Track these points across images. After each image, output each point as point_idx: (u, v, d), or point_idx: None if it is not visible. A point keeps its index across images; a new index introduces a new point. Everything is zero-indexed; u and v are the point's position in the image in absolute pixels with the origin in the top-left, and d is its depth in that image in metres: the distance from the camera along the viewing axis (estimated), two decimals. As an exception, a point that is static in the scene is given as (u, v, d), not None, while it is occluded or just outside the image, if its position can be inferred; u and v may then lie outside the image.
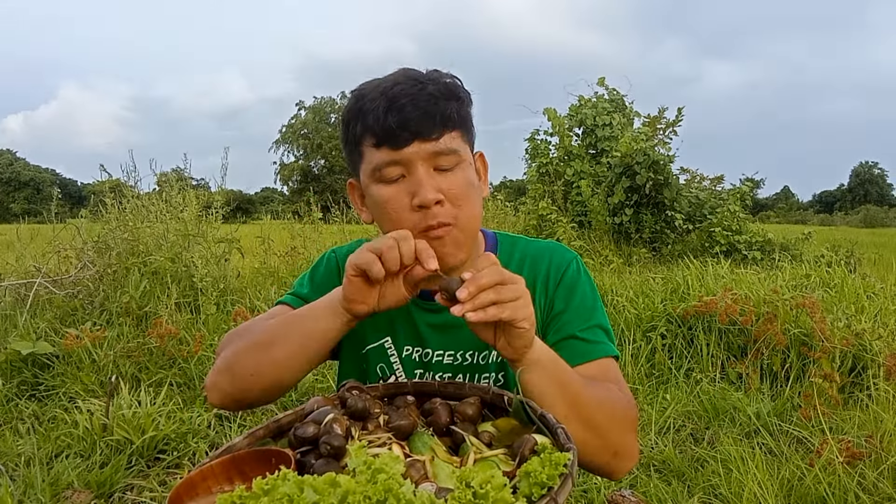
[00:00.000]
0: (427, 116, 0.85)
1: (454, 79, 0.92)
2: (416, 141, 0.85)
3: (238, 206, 7.67)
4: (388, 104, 0.85)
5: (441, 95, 0.87)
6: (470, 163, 0.92)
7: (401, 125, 0.84)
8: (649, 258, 6.75)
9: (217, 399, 0.90)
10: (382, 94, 0.86)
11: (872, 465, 2.06)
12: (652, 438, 2.66)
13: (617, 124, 8.15)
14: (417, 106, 0.85)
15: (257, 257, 5.63)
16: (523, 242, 1.07)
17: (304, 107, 47.30)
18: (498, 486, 0.53)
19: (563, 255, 1.03)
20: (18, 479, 2.26)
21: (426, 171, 0.86)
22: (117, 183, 4.77)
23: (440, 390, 0.80)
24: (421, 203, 0.85)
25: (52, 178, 53.64)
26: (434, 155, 0.86)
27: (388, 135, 0.85)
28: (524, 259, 1.03)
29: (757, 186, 9.08)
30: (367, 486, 0.52)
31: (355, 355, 1.04)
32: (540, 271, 1.01)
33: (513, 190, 18.11)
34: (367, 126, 0.87)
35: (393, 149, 0.86)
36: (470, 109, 0.94)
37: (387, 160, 0.86)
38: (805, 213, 56.32)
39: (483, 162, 0.99)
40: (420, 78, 0.89)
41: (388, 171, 0.87)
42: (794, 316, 3.36)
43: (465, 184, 0.89)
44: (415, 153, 0.86)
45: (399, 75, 0.89)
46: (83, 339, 3.13)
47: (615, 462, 0.85)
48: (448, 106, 0.87)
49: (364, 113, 0.87)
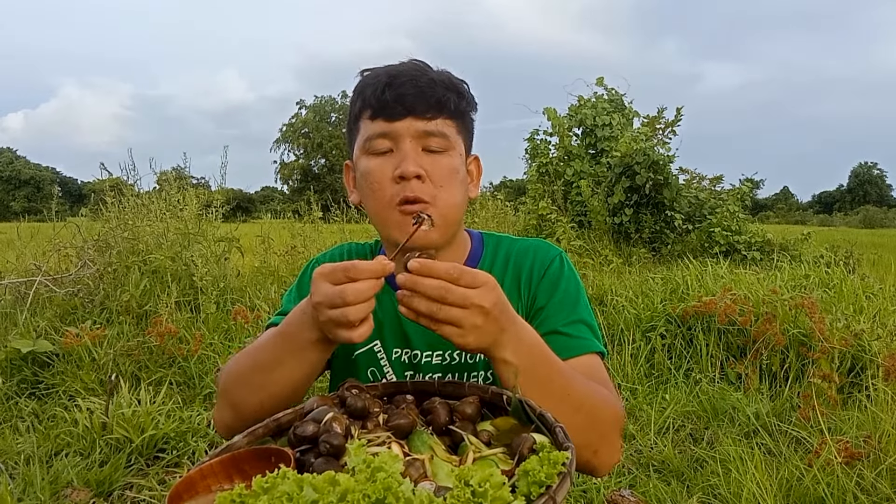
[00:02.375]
0: (423, 96, 0.88)
1: (463, 82, 0.94)
2: (408, 117, 0.88)
3: (238, 204, 7.67)
4: (389, 80, 0.89)
5: (441, 84, 0.90)
6: (460, 154, 0.93)
7: (396, 99, 0.88)
8: (649, 258, 6.76)
9: (227, 434, 0.88)
10: (386, 72, 0.91)
11: (871, 465, 2.06)
12: (651, 438, 2.66)
13: (616, 124, 8.16)
14: (416, 85, 0.88)
15: (257, 256, 5.62)
16: (508, 241, 1.07)
17: (304, 106, 47.35)
18: (496, 484, 0.54)
19: (547, 251, 1.03)
20: (18, 477, 2.26)
21: (413, 147, 0.88)
22: (117, 181, 4.77)
23: (439, 389, 0.81)
24: (401, 174, 0.87)
25: (52, 176, 53.67)
26: (424, 134, 0.89)
27: (382, 107, 0.88)
28: (509, 257, 1.03)
29: (756, 187, 9.11)
30: (366, 484, 0.52)
31: (345, 362, 1.03)
32: (524, 267, 1.01)
33: (513, 190, 18.14)
34: (365, 99, 0.90)
35: (386, 120, 0.88)
36: (470, 111, 0.96)
37: (378, 131, 0.89)
38: (804, 213, 56.35)
39: (477, 166, 1.01)
40: (426, 67, 0.93)
41: (378, 142, 0.89)
42: (793, 316, 3.36)
43: (449, 169, 0.91)
44: (405, 128, 0.88)
45: (407, 62, 0.93)
46: (83, 337, 3.14)
47: (596, 460, 0.84)
48: (446, 94, 0.90)
49: (365, 87, 0.91)
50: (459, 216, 0.95)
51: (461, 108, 0.92)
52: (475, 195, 1.00)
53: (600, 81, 8.60)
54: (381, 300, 0.93)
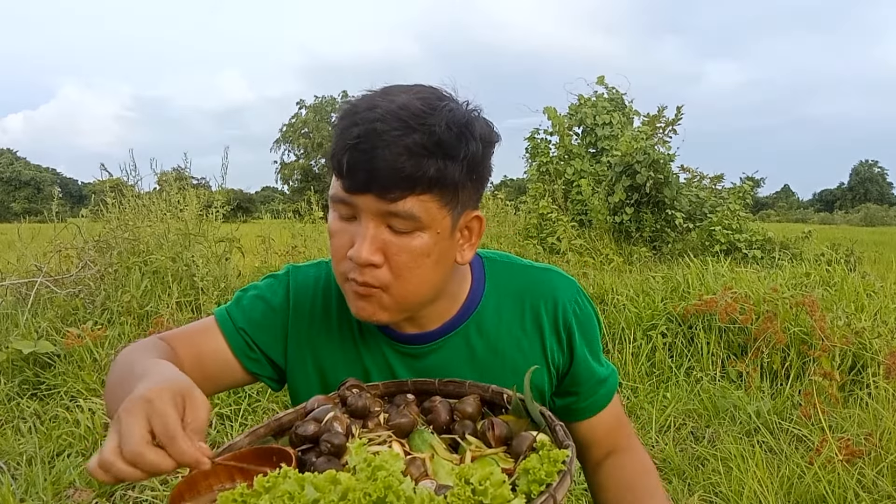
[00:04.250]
0: (391, 173, 0.71)
1: (468, 126, 0.74)
2: (369, 193, 0.73)
3: (238, 205, 7.66)
4: (356, 142, 0.72)
5: (424, 150, 0.71)
6: (438, 231, 0.76)
7: (354, 171, 0.73)
8: (649, 257, 6.75)
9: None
10: (359, 124, 0.72)
11: (872, 463, 2.07)
12: (652, 437, 2.67)
13: (617, 123, 8.16)
14: (385, 157, 0.70)
15: (258, 256, 5.63)
16: (518, 270, 0.93)
17: (304, 106, 47.32)
18: (497, 482, 0.54)
19: (569, 287, 0.93)
20: (20, 477, 2.27)
21: (375, 226, 0.75)
22: (118, 182, 4.77)
23: (440, 389, 0.81)
24: (351, 257, 0.75)
25: (52, 177, 53.66)
26: (386, 214, 0.74)
27: (341, 172, 0.74)
28: (524, 292, 0.91)
29: (757, 185, 9.09)
30: (367, 483, 0.53)
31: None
32: (547, 308, 0.90)
33: (513, 189, 18.13)
34: (333, 151, 0.76)
35: (345, 189, 0.75)
36: (474, 168, 0.76)
37: (341, 196, 0.76)
38: (805, 211, 56.31)
39: (479, 223, 0.83)
40: (412, 121, 0.71)
41: (340, 207, 0.77)
42: (794, 314, 3.36)
43: (415, 254, 0.76)
44: (364, 204, 0.74)
45: (392, 108, 0.72)
46: (84, 338, 3.14)
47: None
48: (426, 165, 0.71)
49: (339, 133, 0.75)
50: (426, 292, 0.81)
51: (451, 176, 0.73)
52: (467, 260, 0.83)
53: (601, 80, 8.60)
54: (369, 343, 0.90)
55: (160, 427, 0.58)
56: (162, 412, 0.58)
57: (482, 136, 0.76)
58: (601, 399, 0.94)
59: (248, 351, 0.90)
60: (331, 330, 0.91)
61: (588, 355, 0.92)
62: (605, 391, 0.94)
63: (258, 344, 0.91)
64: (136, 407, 0.59)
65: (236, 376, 0.91)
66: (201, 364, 0.87)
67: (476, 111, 0.78)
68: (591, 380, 0.92)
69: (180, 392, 0.61)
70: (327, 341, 0.91)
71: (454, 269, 0.85)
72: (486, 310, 0.89)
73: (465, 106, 0.77)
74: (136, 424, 0.57)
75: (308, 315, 0.91)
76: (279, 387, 0.98)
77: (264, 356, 0.91)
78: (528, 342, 0.90)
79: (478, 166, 0.77)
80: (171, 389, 0.61)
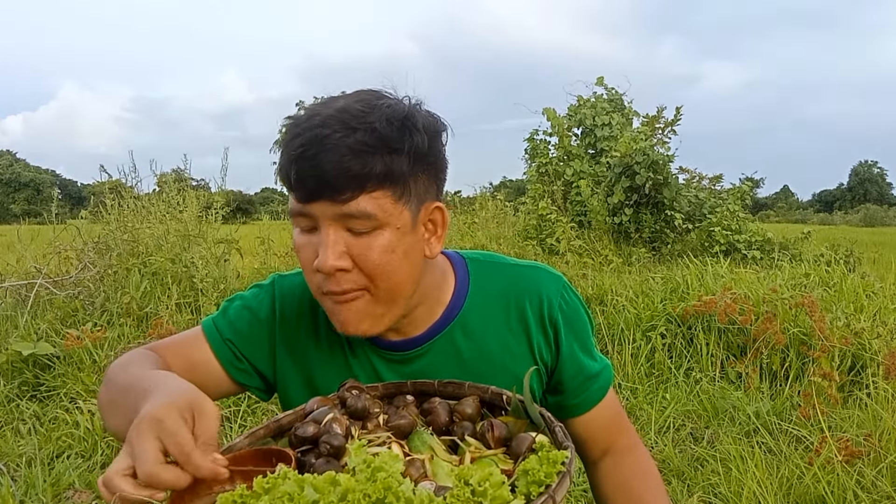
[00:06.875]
0: (339, 175, 0.71)
1: (409, 119, 0.75)
2: (322, 199, 0.73)
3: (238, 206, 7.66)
4: (301, 151, 0.72)
5: (368, 147, 0.72)
6: (398, 227, 0.76)
7: (303, 180, 0.73)
8: (649, 258, 6.75)
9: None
10: (301, 134, 0.73)
11: (871, 463, 2.07)
12: (652, 438, 2.67)
13: (616, 124, 8.17)
14: (330, 160, 0.71)
15: (257, 258, 5.63)
16: (502, 269, 0.92)
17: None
18: (496, 483, 0.54)
19: (556, 282, 0.92)
20: (20, 479, 2.27)
21: (335, 231, 0.74)
22: (117, 184, 4.77)
23: (439, 390, 0.81)
24: (318, 268, 0.75)
25: (51, 178, 53.69)
26: (343, 217, 0.74)
27: (291, 186, 0.74)
28: (508, 294, 0.90)
29: (756, 186, 9.11)
30: (366, 484, 0.53)
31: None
32: (532, 305, 0.89)
33: (512, 190, 18.15)
34: (281, 165, 0.76)
35: (299, 201, 0.75)
36: (423, 159, 0.76)
37: (297, 209, 0.76)
38: (805, 212, 56.32)
39: (442, 215, 0.82)
40: (352, 122, 0.72)
41: (299, 220, 0.77)
42: (793, 315, 3.37)
43: (380, 251, 0.75)
44: (320, 211, 0.74)
45: (332, 113, 0.74)
46: (84, 339, 3.14)
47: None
48: (372, 161, 0.72)
49: (284, 147, 0.75)
50: (406, 289, 0.80)
51: (398, 169, 0.73)
52: (435, 253, 0.82)
53: (600, 81, 8.61)
54: (356, 351, 0.90)
55: (173, 447, 0.58)
56: (172, 431, 0.58)
57: (426, 126, 0.76)
58: (594, 395, 0.92)
59: (235, 362, 0.90)
60: (319, 338, 0.91)
61: (577, 350, 0.91)
62: (597, 386, 0.92)
63: (245, 355, 0.91)
64: (146, 428, 0.59)
65: (225, 386, 0.91)
66: (192, 374, 0.86)
67: (418, 105, 0.79)
68: (581, 375, 0.91)
69: (188, 405, 0.61)
70: (315, 350, 0.91)
71: (433, 272, 0.86)
72: (471, 311, 0.89)
73: (407, 101, 0.78)
74: (149, 446, 0.57)
75: (295, 324, 0.92)
76: (268, 397, 0.97)
77: (252, 367, 0.92)
78: (514, 341, 0.89)
79: (426, 157, 0.77)
80: (179, 405, 0.61)
